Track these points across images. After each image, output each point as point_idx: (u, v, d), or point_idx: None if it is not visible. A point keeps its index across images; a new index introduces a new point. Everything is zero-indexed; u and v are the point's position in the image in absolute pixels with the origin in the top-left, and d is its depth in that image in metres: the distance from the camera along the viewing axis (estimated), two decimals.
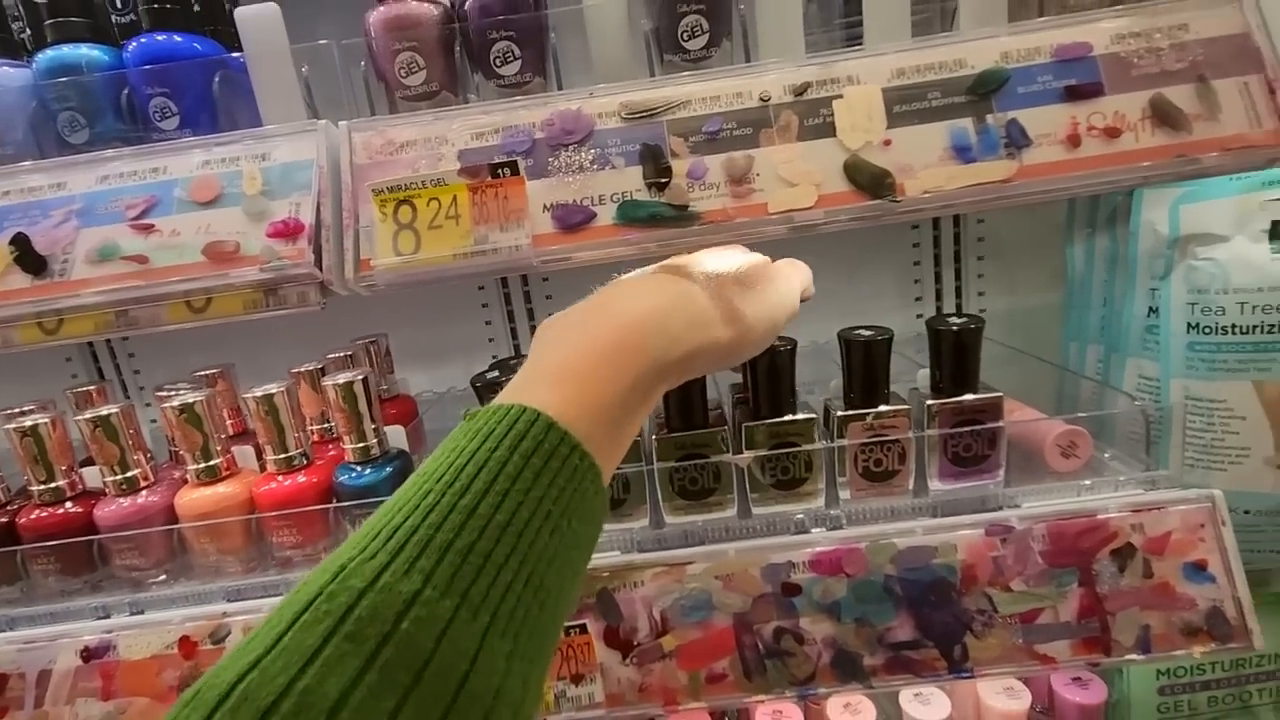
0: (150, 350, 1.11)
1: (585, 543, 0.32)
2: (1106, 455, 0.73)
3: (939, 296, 1.10)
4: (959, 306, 1.11)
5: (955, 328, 0.63)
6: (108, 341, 1.10)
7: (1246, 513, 0.70)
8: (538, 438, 0.30)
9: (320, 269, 0.49)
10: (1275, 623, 0.79)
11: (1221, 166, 0.49)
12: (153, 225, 0.50)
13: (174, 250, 0.49)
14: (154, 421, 1.01)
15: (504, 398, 0.33)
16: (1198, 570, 0.60)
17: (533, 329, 1.12)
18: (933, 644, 0.60)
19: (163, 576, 0.69)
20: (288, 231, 0.49)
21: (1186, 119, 0.49)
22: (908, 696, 0.74)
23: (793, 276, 0.45)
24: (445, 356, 1.12)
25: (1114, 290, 0.78)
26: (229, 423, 0.82)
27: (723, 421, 0.68)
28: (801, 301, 0.46)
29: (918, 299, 1.10)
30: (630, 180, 0.52)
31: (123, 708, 0.62)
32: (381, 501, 0.65)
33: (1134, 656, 0.59)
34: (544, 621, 0.29)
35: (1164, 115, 0.50)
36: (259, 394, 0.65)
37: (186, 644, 0.63)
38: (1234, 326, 0.66)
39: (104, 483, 0.67)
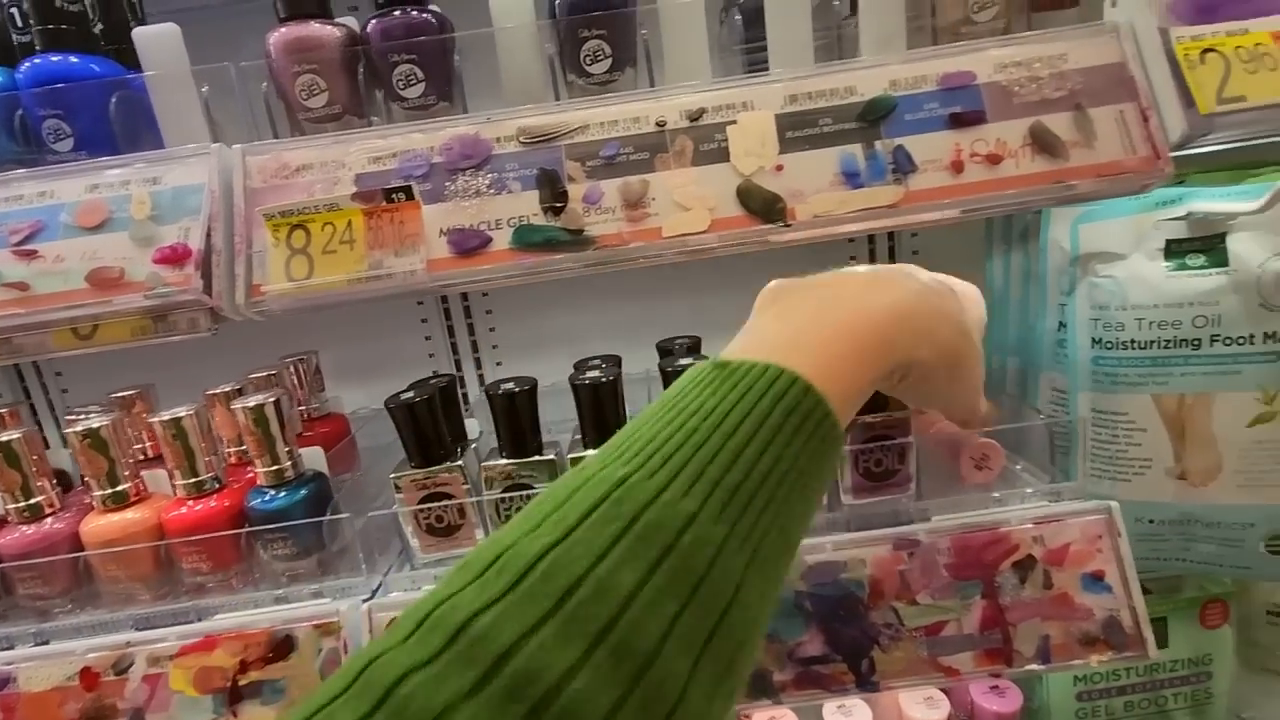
0: (79, 370, 1.08)
1: (816, 506, 0.33)
2: (1018, 466, 0.75)
3: None
4: None
5: None
6: (34, 361, 1.07)
7: (1151, 522, 0.72)
8: (798, 398, 0.31)
9: (210, 294, 0.49)
10: (1188, 628, 0.81)
11: (1097, 192, 0.51)
12: (35, 251, 0.49)
13: (57, 277, 0.48)
14: None
15: (754, 355, 0.33)
16: (1095, 580, 0.61)
17: (474, 344, 1.12)
18: (841, 658, 0.61)
19: (69, 606, 0.68)
20: (175, 257, 0.48)
21: (1064, 146, 0.51)
22: (831, 709, 0.75)
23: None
24: (384, 372, 1.11)
25: (1028, 305, 0.80)
26: (148, 445, 0.80)
27: None
28: None
29: None
30: (527, 204, 0.52)
31: None
32: (292, 525, 0.65)
33: (1034, 666, 0.60)
34: (780, 571, 0.30)
35: (1043, 142, 0.51)
36: (166, 418, 0.64)
37: (88, 675, 0.61)
38: (1132, 342, 0.68)
39: (6, 510, 0.66)
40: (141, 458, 0.79)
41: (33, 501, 0.65)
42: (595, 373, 0.66)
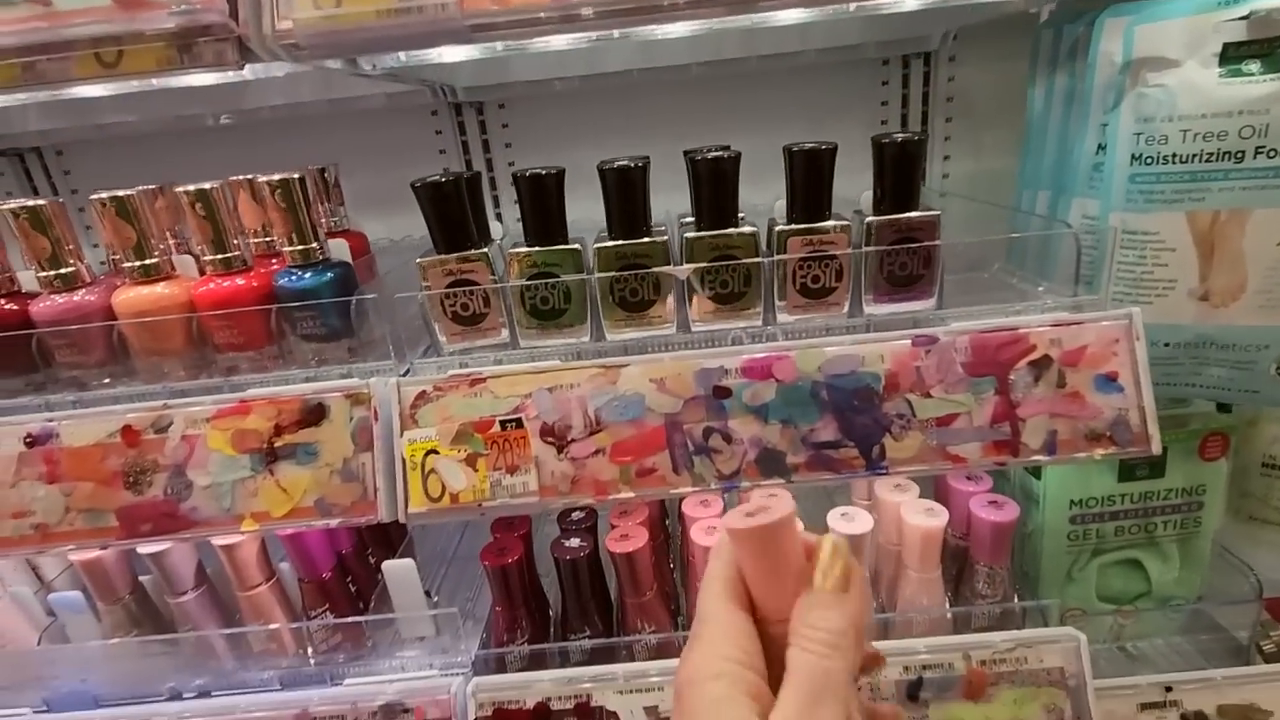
0: (88, 170, 1.07)
1: None
2: (1041, 289, 0.75)
3: None
4: (925, 169, 1.10)
5: (899, 139, 0.63)
6: (42, 162, 1.06)
7: (1166, 345, 0.72)
8: None
9: (236, 21, 0.47)
10: (1186, 461, 0.84)
11: None
12: None
13: None
14: (96, 247, 0.99)
15: None
16: (1109, 381, 0.62)
17: (492, 181, 1.11)
18: (853, 444, 0.63)
19: (106, 379, 0.70)
20: None
21: None
22: (835, 516, 0.78)
23: None
24: (399, 205, 1.09)
25: (1067, 129, 0.78)
26: (171, 242, 0.80)
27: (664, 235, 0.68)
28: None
29: None
30: None
31: (68, 490, 0.64)
32: (321, 304, 0.66)
33: (1040, 458, 0.62)
34: None
35: None
36: (192, 188, 0.64)
37: (129, 432, 0.64)
38: (1175, 156, 0.67)
39: (37, 279, 0.66)
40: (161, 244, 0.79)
41: (63, 271, 0.66)
42: (624, 162, 0.65)
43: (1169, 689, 0.77)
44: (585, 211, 0.74)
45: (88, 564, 0.75)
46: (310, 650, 0.81)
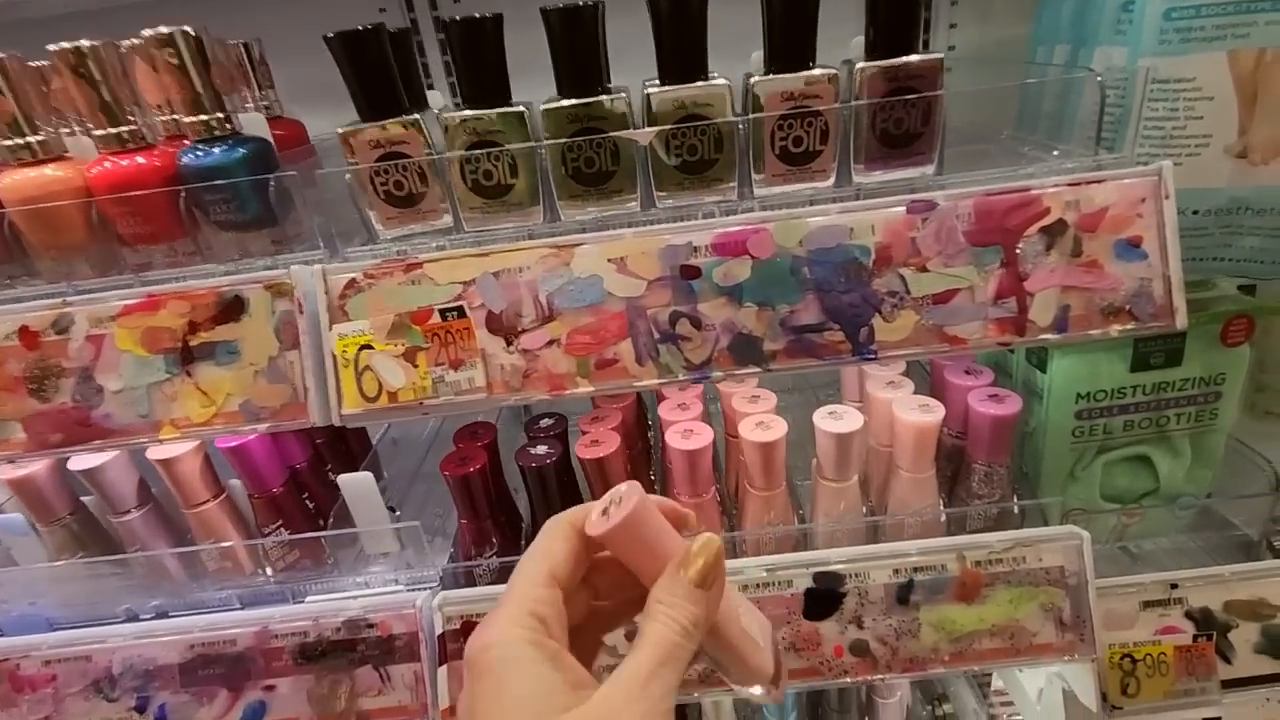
0: None
1: None
2: (1055, 154, 0.66)
3: None
4: (926, 42, 0.99)
5: None
6: None
7: (1195, 213, 0.65)
8: None
9: None
10: (1206, 349, 0.77)
11: None
12: None
13: None
14: None
15: None
16: (1131, 248, 0.55)
17: (447, 65, 0.99)
18: (838, 326, 0.56)
19: (6, 280, 0.63)
20: None
21: None
22: (822, 414, 0.72)
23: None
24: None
25: None
26: (73, 123, 0.71)
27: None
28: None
29: None
30: None
31: None
32: (230, 184, 0.58)
33: (1049, 336, 0.55)
34: None
35: None
36: (67, 45, 0.54)
37: (27, 334, 0.57)
38: None
39: None
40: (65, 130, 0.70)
41: None
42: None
43: (1174, 586, 0.73)
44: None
45: (17, 482, 0.70)
46: (269, 569, 0.77)
